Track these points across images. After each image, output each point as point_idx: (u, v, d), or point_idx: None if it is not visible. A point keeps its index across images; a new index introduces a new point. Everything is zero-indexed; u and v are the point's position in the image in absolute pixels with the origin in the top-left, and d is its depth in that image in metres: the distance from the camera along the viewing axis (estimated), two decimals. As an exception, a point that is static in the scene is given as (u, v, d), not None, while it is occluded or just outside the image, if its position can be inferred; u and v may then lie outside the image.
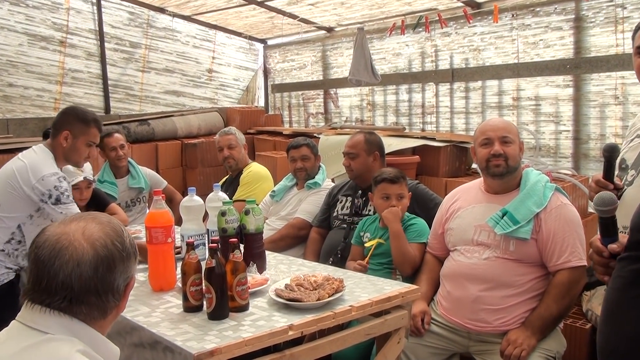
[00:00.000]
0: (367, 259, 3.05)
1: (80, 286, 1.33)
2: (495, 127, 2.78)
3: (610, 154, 1.93)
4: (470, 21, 5.26)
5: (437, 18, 5.30)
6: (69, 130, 3.04)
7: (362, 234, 3.19)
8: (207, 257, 2.15)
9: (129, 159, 4.71)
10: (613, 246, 1.54)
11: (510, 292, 2.59)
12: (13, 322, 1.36)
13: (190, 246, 2.20)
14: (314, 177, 4.03)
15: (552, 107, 4.94)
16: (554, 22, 4.90)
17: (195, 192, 2.77)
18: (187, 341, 1.88)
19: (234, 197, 4.06)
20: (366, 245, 3.12)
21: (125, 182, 4.47)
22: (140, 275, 2.58)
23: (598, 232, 1.60)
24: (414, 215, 3.15)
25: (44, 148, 3.06)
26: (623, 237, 1.55)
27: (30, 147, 3.14)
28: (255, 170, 4.49)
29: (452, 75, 5.63)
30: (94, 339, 1.37)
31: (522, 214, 2.60)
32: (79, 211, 2.96)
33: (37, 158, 2.99)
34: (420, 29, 5.66)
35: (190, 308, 2.16)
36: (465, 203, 2.85)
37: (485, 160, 2.74)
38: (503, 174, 2.71)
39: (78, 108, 3.23)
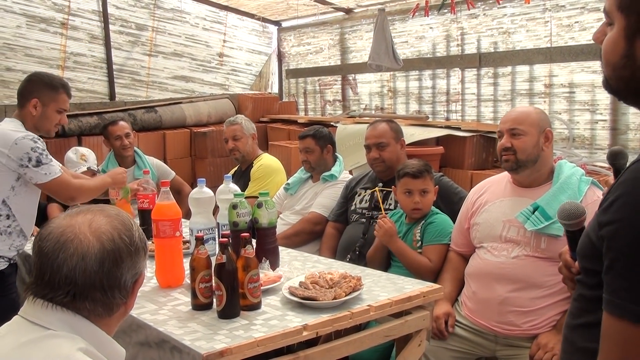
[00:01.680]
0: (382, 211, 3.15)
1: (84, 281, 1.35)
2: (506, 118, 2.81)
3: (614, 160, 1.75)
4: (500, 2, 5.21)
5: (464, -2, 5.28)
6: (37, 97, 3.07)
7: None
8: (217, 252, 2.17)
9: (135, 148, 4.75)
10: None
11: (541, 294, 2.59)
12: (15, 316, 1.39)
13: (200, 241, 2.22)
14: (322, 171, 4.04)
15: (588, 95, 4.89)
16: (591, 3, 4.84)
17: (205, 183, 2.80)
18: (195, 340, 1.90)
19: (246, 193, 4.08)
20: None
21: (131, 173, 4.51)
22: (147, 271, 2.61)
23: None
24: (438, 211, 3.14)
25: (10, 119, 3.09)
26: None
27: None
28: (267, 163, 4.50)
29: (480, 60, 5.59)
30: (98, 337, 1.38)
31: (555, 209, 2.57)
32: (60, 168, 3.03)
33: (3, 127, 3.00)
34: (446, 10, 5.62)
35: (199, 306, 2.18)
36: (493, 196, 2.84)
37: (500, 154, 2.78)
38: (514, 169, 2.73)
39: (44, 74, 3.25)
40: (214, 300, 2.15)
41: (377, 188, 3.41)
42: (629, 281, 1.08)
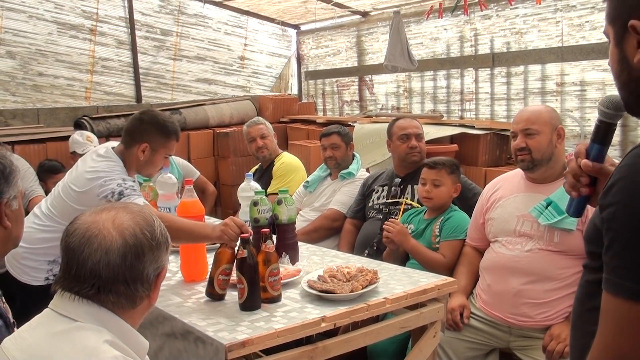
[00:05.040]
0: (399, 218, 3.12)
1: (108, 274, 1.36)
2: (519, 119, 2.78)
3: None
4: (512, 3, 5.17)
5: (477, 0, 5.24)
6: (148, 143, 2.77)
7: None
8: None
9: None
10: (587, 162, 1.43)
11: (554, 286, 2.57)
12: (46, 309, 1.41)
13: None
14: (346, 167, 4.04)
15: (599, 93, 4.83)
16: (601, 3, 4.78)
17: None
18: (218, 332, 1.91)
19: (268, 191, 4.09)
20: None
21: (158, 173, 4.53)
22: (172, 266, 2.63)
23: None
24: (456, 208, 3.13)
25: (113, 154, 2.79)
26: (613, 167, 1.37)
27: (96, 147, 3.03)
28: (288, 161, 4.51)
29: (493, 60, 5.54)
30: (123, 329, 1.40)
31: (568, 204, 2.56)
32: (145, 202, 2.68)
33: (103, 165, 2.72)
34: (459, 12, 5.59)
35: (213, 295, 2.20)
36: (507, 192, 2.83)
37: (514, 154, 2.76)
38: (530, 168, 2.72)
39: (159, 116, 2.88)
40: (238, 293, 2.15)
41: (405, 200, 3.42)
42: (625, 260, 1.09)
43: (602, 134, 1.44)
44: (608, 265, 1.13)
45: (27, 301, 2.40)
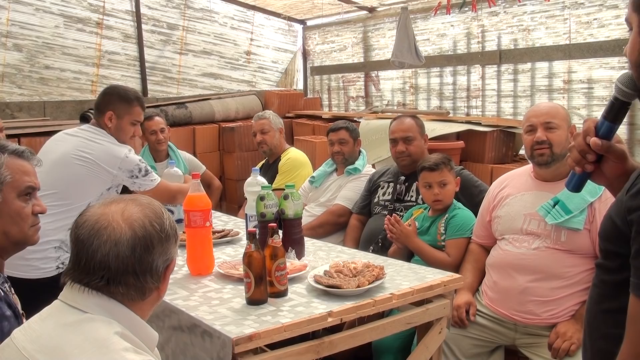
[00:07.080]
0: (408, 222, 3.08)
1: (117, 266, 1.36)
2: (538, 112, 2.73)
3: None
4: (520, 0, 5.16)
5: (485, -4, 5.22)
6: (112, 110, 3.11)
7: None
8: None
9: (169, 142, 4.78)
10: (597, 140, 1.35)
11: (560, 284, 2.56)
12: (56, 300, 1.41)
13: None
14: (353, 163, 4.04)
15: (606, 91, 4.82)
16: (610, 0, 4.77)
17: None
18: (225, 325, 1.91)
19: (273, 186, 4.09)
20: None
21: (165, 166, 4.54)
22: (179, 260, 2.63)
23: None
24: (460, 206, 3.12)
25: (94, 128, 3.14)
26: (621, 145, 1.38)
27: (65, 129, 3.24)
28: (294, 156, 4.50)
29: (500, 56, 5.53)
30: (132, 321, 1.40)
31: (575, 203, 2.55)
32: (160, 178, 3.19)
33: (105, 139, 3.09)
34: (467, 9, 5.57)
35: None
36: (514, 190, 2.81)
37: (530, 149, 2.70)
38: (548, 162, 2.67)
39: (119, 87, 3.30)
40: (245, 287, 2.14)
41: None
42: None
43: (616, 111, 1.38)
44: (639, 269, 1.08)
45: (37, 296, 2.42)
